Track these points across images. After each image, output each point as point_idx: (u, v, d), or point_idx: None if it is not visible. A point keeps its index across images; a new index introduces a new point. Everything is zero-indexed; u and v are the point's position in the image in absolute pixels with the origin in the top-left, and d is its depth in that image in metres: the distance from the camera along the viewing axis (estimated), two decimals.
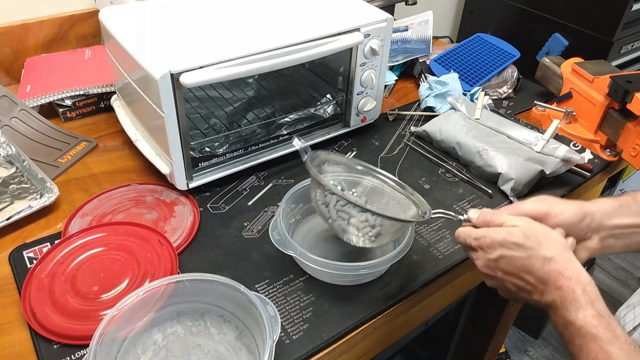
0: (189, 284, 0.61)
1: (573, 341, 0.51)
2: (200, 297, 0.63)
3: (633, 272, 2.07)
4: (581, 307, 0.50)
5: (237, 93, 0.97)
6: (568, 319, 0.51)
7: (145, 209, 0.78)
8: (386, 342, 0.75)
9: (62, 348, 0.60)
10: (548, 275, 0.53)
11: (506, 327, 1.29)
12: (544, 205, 0.60)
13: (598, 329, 0.48)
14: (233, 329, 0.63)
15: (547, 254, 0.53)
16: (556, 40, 1.51)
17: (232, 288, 0.60)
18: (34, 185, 0.81)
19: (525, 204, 0.61)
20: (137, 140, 0.85)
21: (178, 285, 0.60)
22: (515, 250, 0.55)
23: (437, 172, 0.91)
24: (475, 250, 0.60)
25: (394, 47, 1.20)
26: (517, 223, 0.57)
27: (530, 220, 0.57)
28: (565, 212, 0.59)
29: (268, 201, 0.82)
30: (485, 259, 0.58)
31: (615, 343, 0.48)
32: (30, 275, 0.66)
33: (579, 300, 0.50)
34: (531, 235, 0.55)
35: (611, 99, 0.92)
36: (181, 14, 0.84)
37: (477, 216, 0.61)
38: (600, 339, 0.48)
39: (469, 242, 0.60)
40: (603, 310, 0.50)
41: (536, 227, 0.56)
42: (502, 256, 0.56)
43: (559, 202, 0.61)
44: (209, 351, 0.61)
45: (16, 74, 1.08)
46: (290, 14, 0.85)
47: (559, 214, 0.59)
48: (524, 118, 1.07)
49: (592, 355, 0.48)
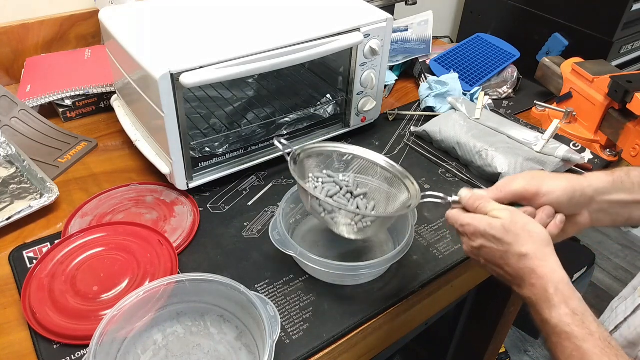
0: (189, 284, 0.61)
1: (549, 338, 0.51)
2: (200, 297, 0.63)
3: (633, 272, 2.07)
4: (554, 306, 0.50)
5: (237, 93, 0.97)
6: (543, 317, 0.51)
7: (145, 209, 0.78)
8: (386, 342, 0.75)
9: (62, 348, 0.60)
10: (523, 272, 0.53)
11: (506, 327, 1.29)
12: (533, 184, 0.59)
13: (572, 327, 0.49)
14: (233, 329, 0.63)
15: (522, 250, 0.53)
16: (556, 40, 1.51)
17: (232, 288, 0.60)
18: (34, 185, 0.81)
19: (515, 183, 0.60)
20: (137, 140, 0.85)
21: (178, 285, 0.60)
22: (494, 243, 0.55)
23: (437, 172, 0.91)
24: (462, 235, 0.60)
25: (394, 47, 1.20)
26: (500, 215, 0.56)
27: (514, 211, 0.57)
28: (555, 191, 0.58)
29: (268, 201, 0.82)
30: (469, 246, 0.59)
31: (589, 340, 0.48)
32: (30, 275, 0.66)
33: (551, 299, 0.51)
34: (510, 230, 0.54)
35: (611, 99, 0.92)
36: (181, 14, 0.84)
37: (468, 198, 0.60)
38: (575, 337, 0.48)
39: (456, 227, 0.60)
40: (577, 307, 0.50)
41: (518, 220, 0.55)
42: (483, 246, 0.56)
43: (549, 179, 0.60)
44: (209, 351, 0.61)
45: (16, 74, 1.08)
46: (290, 14, 0.85)
47: (548, 192, 0.58)
48: (524, 118, 1.07)
49: (567, 352, 0.49)
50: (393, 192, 0.69)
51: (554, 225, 0.58)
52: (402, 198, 0.67)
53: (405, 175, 0.68)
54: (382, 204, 0.70)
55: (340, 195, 0.69)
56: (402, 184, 0.68)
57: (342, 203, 0.68)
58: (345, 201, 0.69)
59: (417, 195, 0.64)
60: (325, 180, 0.70)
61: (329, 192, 0.68)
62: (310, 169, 0.70)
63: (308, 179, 0.70)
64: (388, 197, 0.69)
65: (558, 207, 0.59)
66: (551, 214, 0.58)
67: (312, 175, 0.70)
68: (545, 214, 0.58)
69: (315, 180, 0.70)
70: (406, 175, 0.68)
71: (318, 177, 0.70)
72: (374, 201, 0.70)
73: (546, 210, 0.58)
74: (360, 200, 0.69)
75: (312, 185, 0.69)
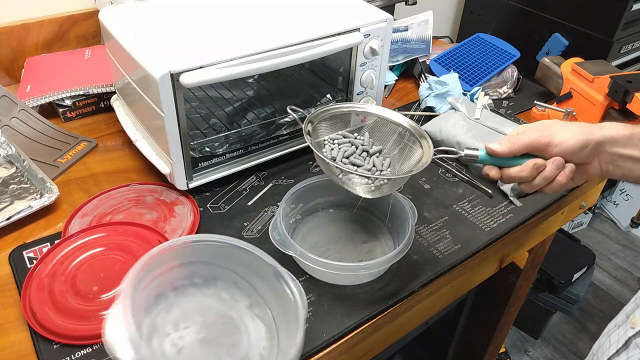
0: (207, 246, 0.60)
1: None
2: (216, 261, 0.62)
3: (633, 272, 2.07)
4: None
5: (237, 93, 0.97)
6: None
7: (145, 209, 0.78)
8: (386, 342, 0.75)
9: (62, 348, 0.60)
10: None
11: (506, 327, 1.29)
12: (546, 134, 0.59)
13: None
14: (245, 297, 0.62)
15: None
16: (556, 40, 1.51)
17: (256, 257, 0.59)
18: (34, 185, 0.81)
19: (527, 135, 0.60)
20: (137, 140, 0.85)
21: (195, 245, 0.60)
22: None
23: (437, 172, 0.91)
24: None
25: (394, 47, 1.20)
26: None
27: None
28: (568, 141, 0.58)
29: (268, 201, 0.82)
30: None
31: None
32: (30, 275, 0.66)
33: None
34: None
35: (611, 99, 0.92)
36: (181, 14, 0.84)
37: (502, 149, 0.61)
38: None
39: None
40: None
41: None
42: None
43: (562, 130, 0.60)
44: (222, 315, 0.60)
45: (16, 74, 1.08)
46: (290, 14, 0.85)
47: (560, 142, 0.58)
48: (524, 118, 1.07)
49: None
50: (408, 149, 0.70)
51: (563, 175, 0.59)
52: (416, 155, 0.68)
53: (420, 132, 0.69)
54: (397, 162, 0.71)
55: (357, 154, 0.70)
56: (417, 140, 0.69)
57: (357, 163, 0.69)
58: (362, 160, 0.69)
59: (430, 151, 0.65)
60: (341, 141, 0.71)
61: (345, 153, 0.69)
62: (325, 131, 0.72)
63: (324, 142, 0.71)
64: (403, 154, 0.70)
65: (570, 157, 0.59)
66: (561, 165, 0.59)
67: (327, 137, 0.71)
68: (555, 166, 0.58)
69: (332, 143, 0.71)
70: (421, 133, 0.68)
71: (334, 139, 0.71)
72: (390, 158, 0.71)
73: (556, 161, 0.58)
74: (376, 158, 0.70)
75: (329, 148, 0.70)
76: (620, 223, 2.29)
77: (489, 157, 0.62)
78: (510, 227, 0.80)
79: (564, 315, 1.90)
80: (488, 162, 0.63)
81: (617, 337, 0.65)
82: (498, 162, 0.62)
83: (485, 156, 0.62)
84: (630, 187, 2.21)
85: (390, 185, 0.67)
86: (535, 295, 1.78)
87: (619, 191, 2.27)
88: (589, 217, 2.27)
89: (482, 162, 0.63)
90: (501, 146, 0.60)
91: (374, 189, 0.67)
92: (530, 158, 0.60)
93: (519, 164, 0.60)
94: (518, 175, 0.60)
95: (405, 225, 0.70)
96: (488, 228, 0.80)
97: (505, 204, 0.84)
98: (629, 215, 2.16)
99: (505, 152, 0.60)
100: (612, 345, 0.64)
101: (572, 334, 1.86)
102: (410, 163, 0.68)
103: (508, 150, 0.59)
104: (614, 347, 0.63)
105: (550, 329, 1.86)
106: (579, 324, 1.89)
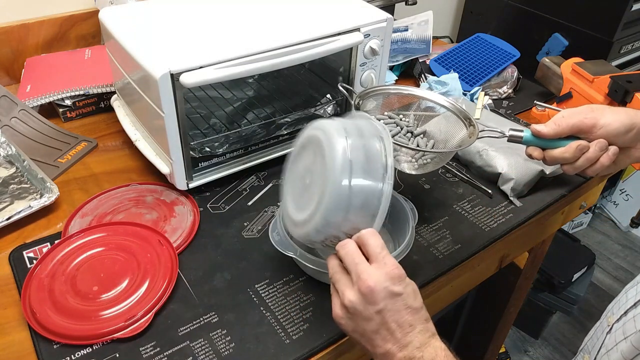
0: None
1: None
2: None
3: (633, 272, 2.07)
4: None
5: (237, 93, 0.97)
6: None
7: (145, 209, 0.78)
8: None
9: (62, 348, 0.60)
10: None
11: (506, 327, 1.29)
12: (591, 116, 0.60)
13: None
14: None
15: None
16: (556, 40, 1.51)
17: None
18: (34, 185, 0.81)
19: (572, 117, 0.60)
20: (137, 140, 0.85)
21: None
22: None
23: (437, 172, 0.91)
24: None
25: (394, 47, 1.20)
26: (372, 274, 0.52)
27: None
28: (613, 124, 0.59)
29: (268, 201, 0.82)
30: None
31: None
32: (30, 275, 0.66)
33: None
34: None
35: (611, 99, 0.92)
36: (181, 14, 0.84)
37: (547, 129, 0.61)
38: None
39: None
40: None
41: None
42: None
43: (609, 113, 0.60)
44: None
45: (16, 74, 1.08)
46: (290, 14, 0.85)
47: (605, 125, 0.59)
48: (524, 118, 1.07)
49: None
50: (451, 129, 0.72)
51: (606, 157, 0.59)
52: (460, 135, 0.70)
53: (465, 114, 0.70)
54: (442, 142, 0.73)
55: (402, 134, 0.72)
56: (461, 121, 0.70)
57: (402, 143, 0.71)
58: (406, 140, 0.72)
59: (475, 131, 0.66)
60: (387, 122, 0.73)
61: (391, 133, 0.71)
62: (371, 112, 0.74)
63: None
64: (447, 134, 0.72)
65: (614, 139, 0.60)
66: (604, 147, 0.59)
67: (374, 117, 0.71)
68: (599, 147, 0.59)
69: None
70: (465, 115, 0.70)
71: (380, 119, 0.73)
72: (434, 139, 0.73)
73: (599, 143, 0.59)
74: (420, 139, 0.72)
75: None
76: (620, 223, 2.29)
77: (534, 138, 0.63)
78: (510, 227, 0.80)
79: (564, 315, 1.90)
80: (532, 143, 0.64)
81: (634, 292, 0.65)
82: (542, 143, 0.63)
83: (530, 137, 0.63)
84: (631, 187, 2.21)
85: (434, 164, 0.70)
86: (535, 295, 1.78)
87: (619, 191, 2.27)
88: (589, 217, 2.27)
89: (526, 143, 0.64)
90: (547, 127, 0.61)
91: (417, 167, 0.69)
92: (574, 140, 0.60)
93: (562, 146, 0.61)
94: (561, 156, 0.61)
95: (405, 226, 0.70)
96: (488, 228, 0.80)
97: (505, 204, 0.84)
98: (629, 215, 2.16)
99: (551, 134, 0.61)
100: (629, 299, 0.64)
101: (572, 334, 1.86)
102: (454, 143, 0.70)
103: (553, 131, 0.60)
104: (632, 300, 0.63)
105: (550, 329, 1.86)
106: (579, 324, 1.89)
